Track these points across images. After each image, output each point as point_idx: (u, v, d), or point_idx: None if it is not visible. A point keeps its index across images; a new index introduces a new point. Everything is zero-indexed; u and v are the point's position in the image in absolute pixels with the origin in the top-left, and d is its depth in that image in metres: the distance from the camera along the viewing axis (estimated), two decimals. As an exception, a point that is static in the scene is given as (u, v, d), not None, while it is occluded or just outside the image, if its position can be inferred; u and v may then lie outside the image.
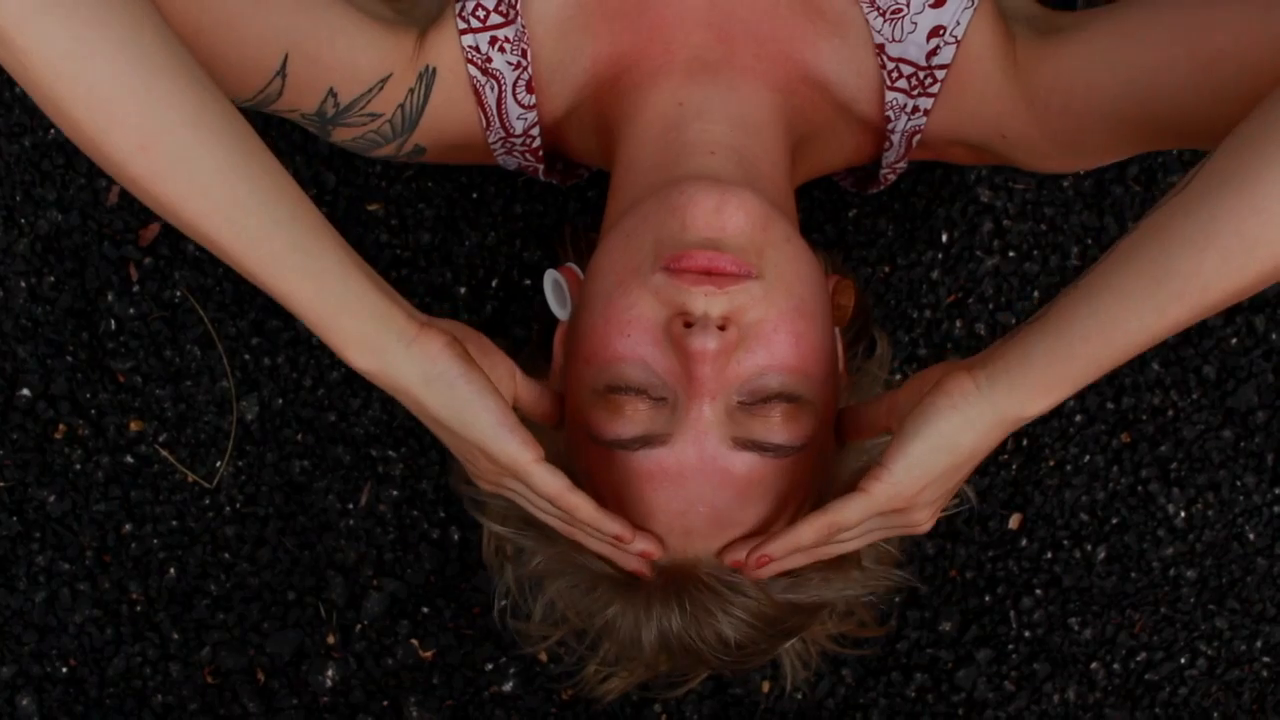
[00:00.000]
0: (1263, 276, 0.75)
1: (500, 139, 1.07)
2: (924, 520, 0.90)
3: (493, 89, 1.03)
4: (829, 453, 0.98)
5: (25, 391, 1.28)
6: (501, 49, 1.01)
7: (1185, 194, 0.77)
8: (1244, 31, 0.83)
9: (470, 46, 1.01)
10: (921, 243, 1.31)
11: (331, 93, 0.98)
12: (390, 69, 0.99)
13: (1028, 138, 1.01)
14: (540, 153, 1.10)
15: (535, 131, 1.07)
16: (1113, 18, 0.93)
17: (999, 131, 1.02)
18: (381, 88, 1.00)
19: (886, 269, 1.31)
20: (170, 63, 0.75)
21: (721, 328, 0.84)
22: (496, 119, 1.05)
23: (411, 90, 1.01)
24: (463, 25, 1.01)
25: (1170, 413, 1.31)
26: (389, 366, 0.84)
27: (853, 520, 0.87)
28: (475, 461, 0.90)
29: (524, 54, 1.01)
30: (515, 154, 1.11)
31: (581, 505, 0.88)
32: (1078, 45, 0.95)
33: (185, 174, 0.77)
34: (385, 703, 1.29)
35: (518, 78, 1.02)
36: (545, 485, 0.87)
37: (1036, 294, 1.32)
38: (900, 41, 0.99)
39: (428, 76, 1.01)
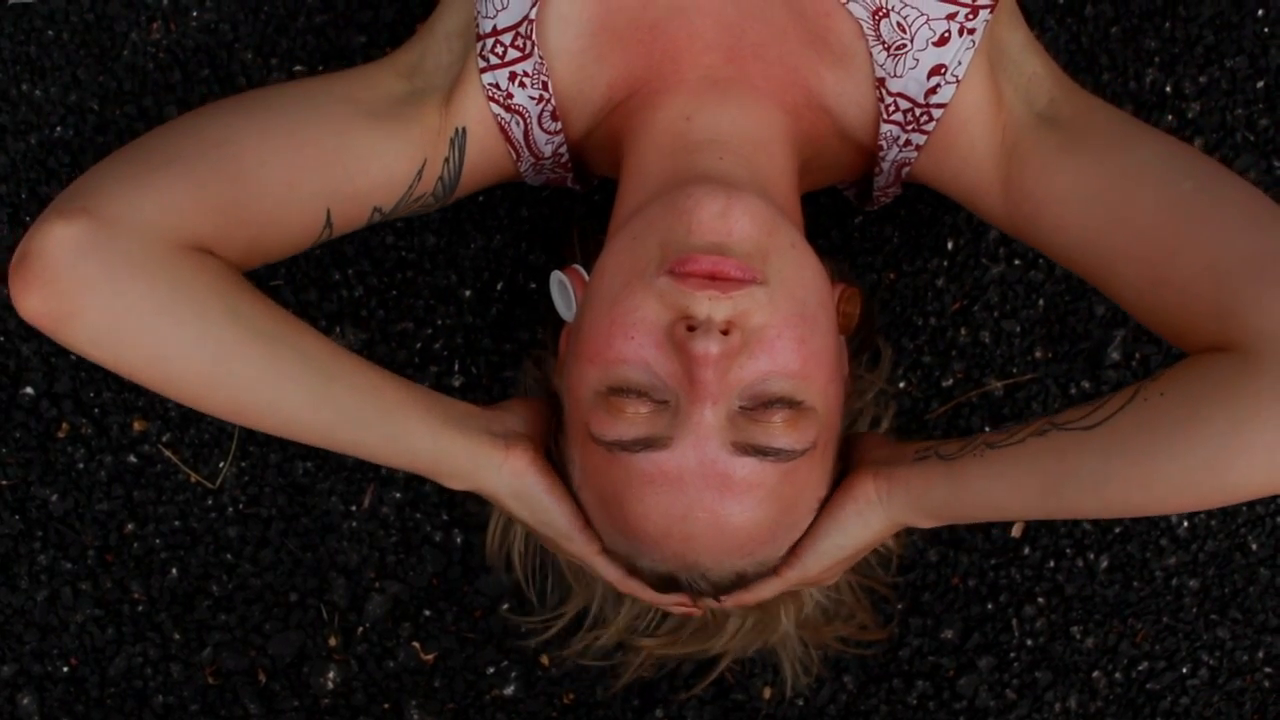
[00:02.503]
0: (1129, 514, 0.88)
1: (530, 165, 1.09)
2: (828, 580, 1.06)
3: (518, 124, 1.04)
4: (832, 457, 0.98)
5: (28, 390, 1.28)
6: (522, 84, 1.02)
7: (1100, 432, 0.86)
8: (1197, 283, 0.85)
9: (491, 84, 1.02)
10: (927, 250, 1.31)
11: (376, 209, 1.02)
12: (424, 156, 1.02)
13: (993, 214, 1.03)
14: (569, 165, 1.11)
15: (564, 151, 1.08)
16: (1102, 163, 0.94)
17: (971, 199, 1.04)
18: (420, 177, 1.03)
19: (891, 276, 1.31)
20: (239, 334, 0.89)
21: (725, 332, 0.85)
22: (525, 150, 1.06)
23: (447, 160, 1.04)
24: (483, 64, 1.01)
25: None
26: (485, 487, 1.00)
27: (768, 596, 1.02)
28: (549, 543, 1.06)
29: (545, 86, 1.02)
30: (544, 173, 1.12)
31: (638, 590, 1.02)
32: (1061, 176, 0.96)
33: (277, 421, 0.93)
34: (386, 705, 1.29)
35: (541, 110, 1.03)
36: (606, 573, 1.02)
37: (1041, 302, 1.32)
38: (901, 77, 0.99)
39: (459, 139, 1.03)
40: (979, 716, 1.29)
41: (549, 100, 1.02)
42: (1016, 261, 1.32)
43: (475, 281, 1.31)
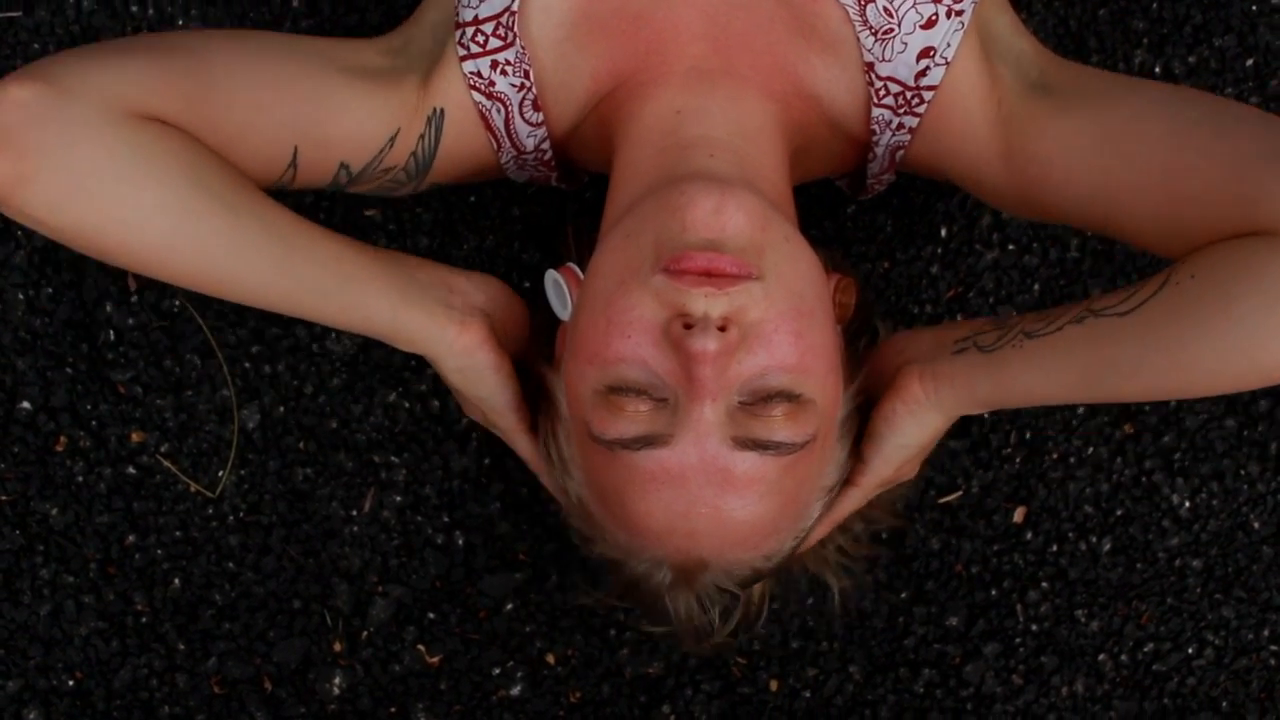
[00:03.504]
0: (1173, 396, 0.90)
1: (512, 158, 1.08)
2: (908, 476, 1.10)
3: (499, 112, 1.04)
4: (830, 447, 0.98)
5: (25, 404, 1.28)
6: (504, 72, 1.02)
7: (1133, 319, 0.87)
8: (1216, 185, 0.85)
9: (472, 73, 1.02)
10: (920, 238, 1.31)
11: (343, 166, 1.02)
12: (397, 124, 1.02)
13: (998, 188, 1.03)
14: (552, 163, 1.10)
15: (546, 145, 1.07)
16: (1102, 115, 0.94)
17: (974, 175, 1.04)
18: (392, 145, 1.02)
19: (886, 265, 1.31)
20: (200, 200, 0.90)
21: (722, 329, 0.85)
22: (507, 140, 1.06)
23: (422, 136, 1.03)
24: (463, 52, 1.01)
25: (1173, 403, 1.31)
26: (432, 356, 1.03)
27: (852, 509, 1.07)
28: (479, 415, 1.11)
29: (526, 75, 1.02)
30: (528, 169, 1.11)
31: (544, 474, 1.07)
32: (1064, 131, 0.96)
33: (236, 289, 0.94)
34: (393, 709, 1.28)
35: (523, 98, 1.03)
36: (528, 455, 1.09)
37: (1036, 287, 1.31)
38: (890, 61, 0.99)
39: (436, 119, 1.03)
40: (986, 703, 1.29)
41: (530, 89, 1.02)
42: (1010, 247, 1.32)
43: (469, 282, 1.31)
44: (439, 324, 1.00)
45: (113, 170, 0.86)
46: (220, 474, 1.29)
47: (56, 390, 1.28)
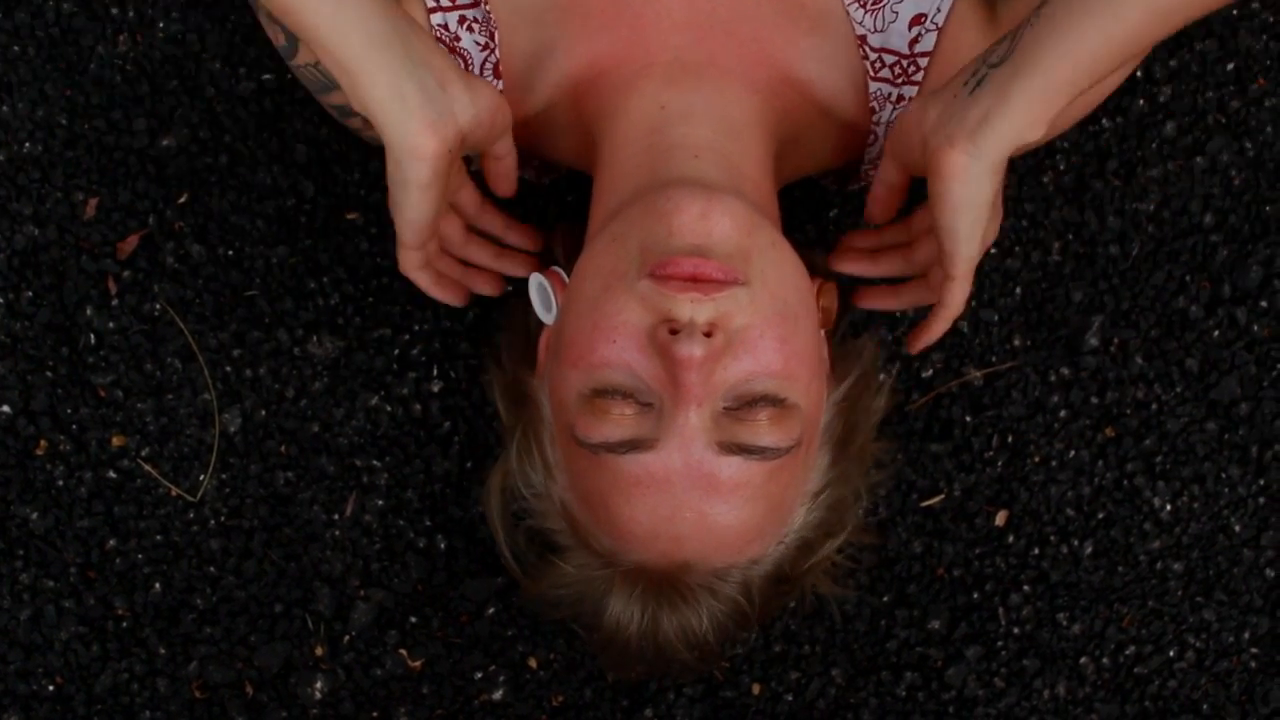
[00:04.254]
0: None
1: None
2: (993, 238, 1.02)
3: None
4: (815, 453, 0.98)
5: (5, 408, 1.27)
6: (470, 28, 1.01)
7: None
8: None
9: (439, 25, 1.01)
10: (903, 241, 1.31)
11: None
12: None
13: None
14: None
15: None
16: None
17: None
18: None
19: (869, 268, 1.31)
20: None
21: (708, 334, 0.84)
22: None
23: None
24: (432, 4, 1.00)
25: (1154, 406, 1.31)
26: (382, 131, 0.90)
27: (965, 298, 0.99)
28: (393, 212, 0.99)
29: (492, 36, 1.01)
30: None
31: (424, 284, 1.05)
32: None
33: None
34: (375, 714, 1.28)
35: (485, 59, 1.02)
36: (403, 264, 1.04)
37: (1018, 290, 1.32)
38: (882, 32, 0.99)
39: None
40: (968, 706, 1.29)
41: (493, 50, 1.01)
42: (993, 251, 1.32)
43: (452, 286, 1.30)
44: (407, 106, 0.89)
45: None
46: (201, 478, 1.29)
47: (37, 394, 1.28)
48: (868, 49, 1.00)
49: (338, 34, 0.87)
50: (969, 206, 0.90)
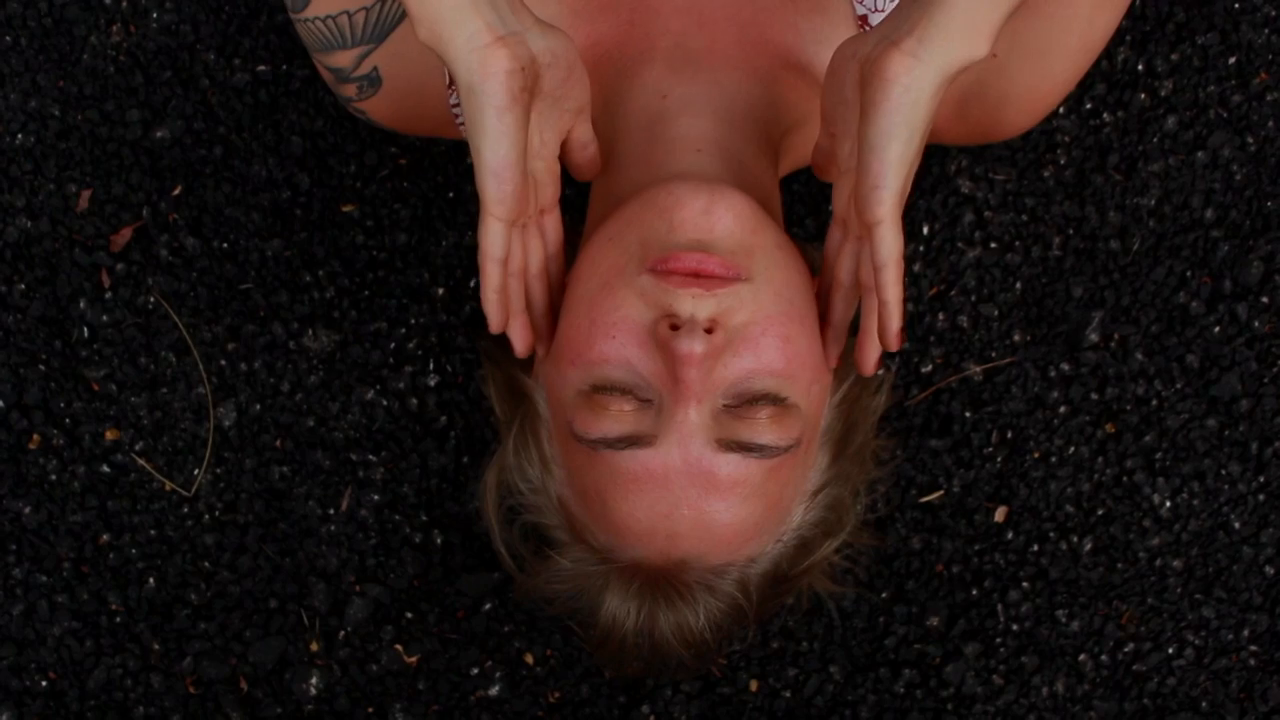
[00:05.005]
0: None
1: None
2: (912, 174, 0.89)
3: None
4: (814, 452, 0.98)
5: (-2, 402, 1.27)
6: None
7: None
8: None
9: None
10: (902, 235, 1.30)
11: None
12: None
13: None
14: None
15: None
16: None
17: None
18: None
19: (868, 263, 1.30)
20: None
21: (709, 331, 0.84)
22: None
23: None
24: None
25: (1154, 403, 1.31)
26: (447, 57, 0.81)
27: (901, 245, 0.84)
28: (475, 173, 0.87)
29: None
30: None
31: (490, 276, 0.88)
32: None
33: None
34: (370, 709, 1.27)
35: None
36: (483, 236, 0.86)
37: (1018, 284, 1.31)
38: (883, 11, 0.98)
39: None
40: (966, 703, 1.29)
41: None
42: (993, 245, 1.31)
43: (448, 279, 1.30)
44: (480, 16, 0.80)
45: None
46: (196, 472, 1.28)
47: (30, 388, 1.27)
48: (869, 28, 0.99)
49: None
50: (904, 120, 0.80)
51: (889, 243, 0.83)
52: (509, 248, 0.88)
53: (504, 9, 0.81)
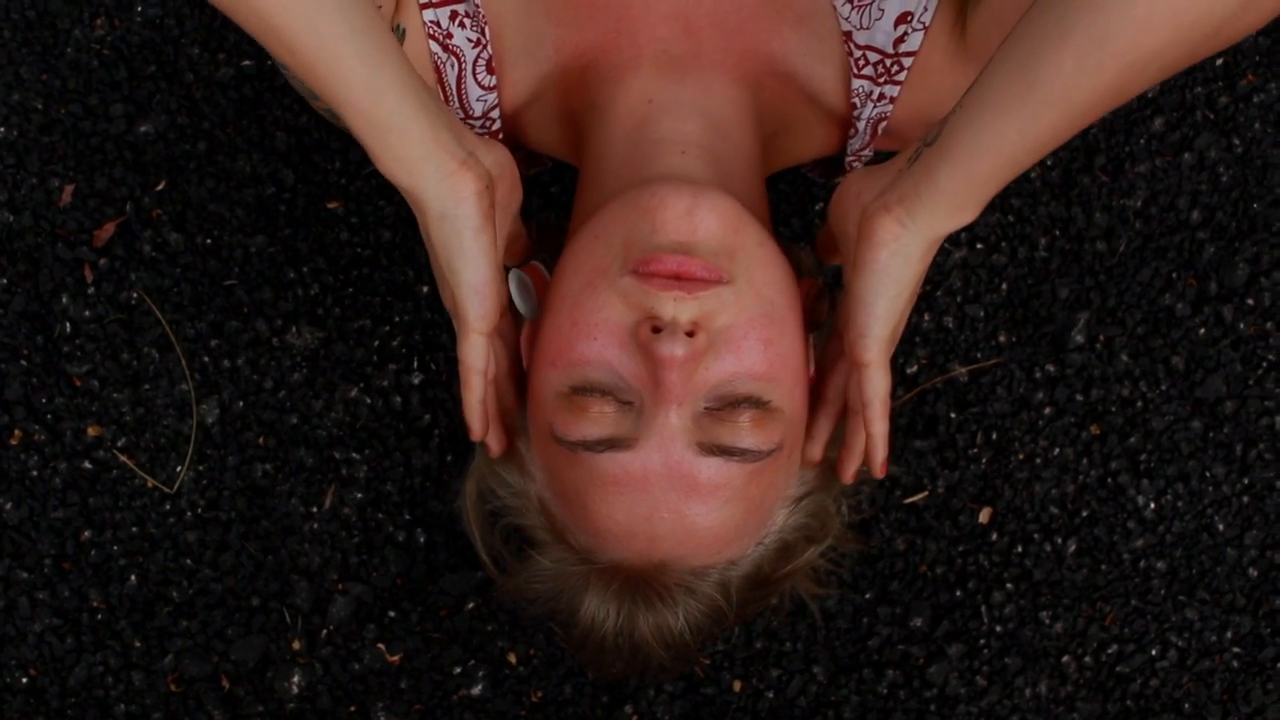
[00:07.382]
0: (1123, 76, 0.72)
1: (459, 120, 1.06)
2: (900, 327, 0.95)
3: (453, 66, 1.02)
4: (797, 457, 0.97)
5: (-21, 397, 1.26)
6: (461, 24, 1.00)
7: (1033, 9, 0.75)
8: None
9: (431, 21, 1.00)
10: (889, 236, 1.30)
11: None
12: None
13: None
14: (500, 136, 1.08)
15: (495, 114, 1.05)
16: None
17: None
18: None
19: (854, 263, 1.30)
20: None
21: (690, 333, 0.83)
22: (456, 99, 1.04)
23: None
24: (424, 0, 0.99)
25: (1139, 404, 1.31)
26: (417, 190, 0.85)
27: (887, 385, 0.92)
28: (443, 291, 0.93)
29: (483, 31, 1.00)
30: None
31: (474, 389, 0.93)
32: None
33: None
34: (353, 708, 1.27)
35: (478, 56, 1.01)
36: (467, 352, 0.91)
37: (1004, 286, 1.31)
38: (867, 29, 0.98)
39: (398, 34, 0.99)
40: (949, 704, 1.29)
41: (485, 46, 1.00)
42: (979, 246, 1.31)
43: (432, 277, 1.29)
44: (444, 149, 0.83)
45: None
46: (178, 469, 1.27)
47: (11, 383, 1.26)
48: (852, 45, 0.99)
49: (372, 94, 0.81)
50: (892, 280, 0.86)
51: (875, 383, 0.91)
52: (489, 359, 0.93)
53: (457, 133, 0.85)
